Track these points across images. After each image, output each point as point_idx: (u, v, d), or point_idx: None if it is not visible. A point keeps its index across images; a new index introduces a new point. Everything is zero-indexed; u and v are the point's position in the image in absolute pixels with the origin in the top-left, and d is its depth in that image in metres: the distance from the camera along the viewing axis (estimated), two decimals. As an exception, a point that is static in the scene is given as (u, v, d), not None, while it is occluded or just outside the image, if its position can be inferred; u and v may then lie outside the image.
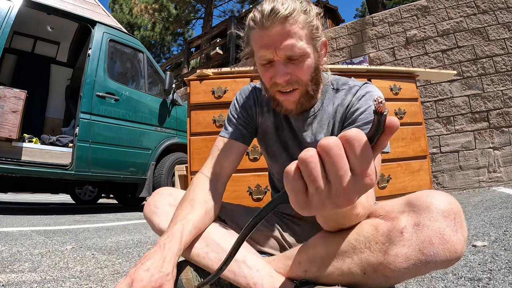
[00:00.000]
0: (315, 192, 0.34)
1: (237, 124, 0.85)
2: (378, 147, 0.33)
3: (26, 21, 3.54)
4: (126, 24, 13.57)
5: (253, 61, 0.78)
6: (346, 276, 0.57)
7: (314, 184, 0.33)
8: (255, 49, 0.71)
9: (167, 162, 3.58)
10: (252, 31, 0.70)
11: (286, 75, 0.68)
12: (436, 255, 0.47)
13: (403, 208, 0.54)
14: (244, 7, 13.41)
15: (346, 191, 0.33)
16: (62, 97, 4.28)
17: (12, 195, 10.64)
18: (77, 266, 1.09)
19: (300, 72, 0.68)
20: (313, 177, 0.33)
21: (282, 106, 0.75)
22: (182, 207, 0.71)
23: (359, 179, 0.33)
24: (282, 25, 0.65)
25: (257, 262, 0.70)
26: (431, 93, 3.84)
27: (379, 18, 4.30)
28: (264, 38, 0.67)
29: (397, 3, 13.74)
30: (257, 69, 0.76)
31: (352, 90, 0.78)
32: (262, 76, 0.74)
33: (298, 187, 0.34)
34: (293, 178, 0.35)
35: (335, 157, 0.32)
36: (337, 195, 0.33)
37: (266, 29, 0.66)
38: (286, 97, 0.72)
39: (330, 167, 0.32)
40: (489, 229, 1.34)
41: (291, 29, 0.65)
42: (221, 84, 2.14)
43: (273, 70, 0.69)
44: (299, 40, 0.66)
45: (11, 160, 2.64)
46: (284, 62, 0.68)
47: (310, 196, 0.34)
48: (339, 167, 0.32)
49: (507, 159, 3.45)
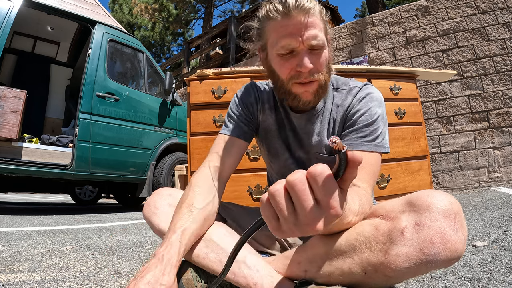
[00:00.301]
0: (284, 221, 0.39)
1: (238, 121, 0.83)
2: (346, 180, 0.38)
3: (26, 21, 3.54)
4: (126, 24, 13.57)
5: (261, 57, 0.78)
6: (347, 276, 0.57)
7: (281, 214, 0.38)
8: (275, 40, 0.70)
9: (167, 162, 3.58)
10: (272, 21, 0.70)
11: (310, 63, 0.68)
12: (437, 255, 0.47)
13: (403, 208, 0.54)
14: (244, 7, 13.42)
15: (311, 221, 0.37)
16: (62, 97, 4.28)
17: (12, 195, 10.64)
18: (77, 266, 1.09)
19: (319, 63, 0.70)
20: (279, 208, 0.38)
21: (300, 98, 0.73)
22: (181, 213, 0.69)
23: (324, 210, 0.37)
24: (307, 15, 0.67)
25: (257, 262, 0.70)
26: (431, 93, 3.85)
27: (379, 18, 4.30)
28: (289, 27, 0.67)
29: (397, 3, 13.74)
30: (268, 63, 0.76)
31: (352, 91, 0.79)
32: (279, 68, 0.72)
33: (271, 214, 0.40)
34: (265, 206, 0.40)
35: (299, 192, 0.37)
36: (304, 223, 0.37)
37: (292, 18, 0.67)
38: (305, 88, 0.71)
39: (295, 200, 0.37)
40: (489, 229, 1.34)
41: (314, 20, 0.68)
42: (221, 84, 2.14)
43: (295, 60, 0.69)
44: (320, 31, 0.69)
45: (11, 160, 2.64)
46: (307, 51, 0.69)
47: (281, 223, 0.39)
48: (302, 200, 0.37)
49: (507, 159, 3.45)
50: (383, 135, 0.74)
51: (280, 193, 0.38)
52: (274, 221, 0.40)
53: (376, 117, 0.74)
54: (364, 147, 0.72)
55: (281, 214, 0.38)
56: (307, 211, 0.37)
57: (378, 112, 0.74)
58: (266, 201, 0.40)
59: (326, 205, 0.37)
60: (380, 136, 0.74)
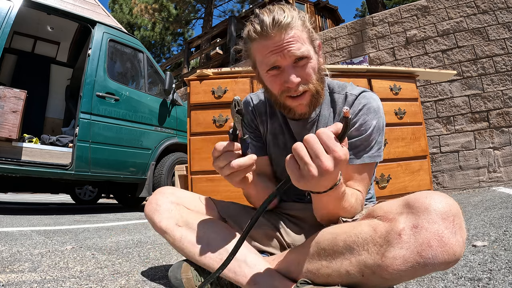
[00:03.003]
0: (304, 167, 0.51)
1: (251, 141, 0.88)
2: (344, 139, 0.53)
3: (26, 21, 3.54)
4: (126, 24, 13.57)
5: (255, 73, 0.80)
6: (345, 278, 0.57)
7: (302, 160, 0.51)
8: (260, 59, 0.72)
9: (167, 162, 3.58)
10: (254, 42, 0.72)
11: (297, 77, 0.69)
12: (434, 258, 0.47)
13: (401, 210, 0.53)
14: (244, 7, 13.42)
15: (323, 163, 0.50)
16: (62, 97, 4.28)
17: (12, 195, 10.65)
18: (77, 266, 1.09)
19: (307, 74, 0.71)
20: (300, 156, 0.51)
21: (295, 111, 0.76)
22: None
23: (332, 153, 0.50)
24: (286, 31, 0.68)
25: (258, 261, 0.70)
26: (431, 93, 3.84)
27: (379, 18, 4.30)
28: (269, 47, 0.69)
29: (397, 3, 13.74)
30: (261, 80, 0.78)
31: (348, 99, 0.80)
32: (270, 86, 0.74)
33: (294, 166, 0.53)
34: (289, 161, 0.53)
35: (312, 144, 0.51)
36: (318, 165, 0.50)
37: (271, 38, 0.68)
38: (298, 101, 0.73)
39: (310, 150, 0.51)
40: (489, 229, 1.34)
41: (294, 34, 0.68)
42: (221, 84, 2.14)
43: (282, 76, 0.71)
44: (303, 43, 0.69)
45: (11, 160, 2.64)
46: (292, 66, 0.70)
47: (301, 170, 0.52)
48: (316, 148, 0.51)
49: (507, 159, 3.45)
50: (378, 145, 0.77)
51: (301, 146, 0.52)
52: (297, 171, 0.52)
53: (371, 130, 0.75)
54: (359, 161, 0.75)
55: (302, 160, 0.51)
56: (319, 155, 0.50)
57: (373, 124, 0.75)
58: (290, 158, 0.53)
59: (333, 150, 0.50)
60: (375, 146, 0.76)
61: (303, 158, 0.51)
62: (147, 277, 0.96)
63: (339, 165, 0.51)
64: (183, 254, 0.75)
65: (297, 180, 0.52)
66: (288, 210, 0.89)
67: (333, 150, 0.50)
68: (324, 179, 0.51)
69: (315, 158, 0.50)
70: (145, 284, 0.88)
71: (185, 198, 0.83)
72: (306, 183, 0.52)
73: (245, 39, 0.75)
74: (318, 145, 0.50)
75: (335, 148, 0.50)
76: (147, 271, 1.03)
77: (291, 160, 0.53)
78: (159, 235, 0.80)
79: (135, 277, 0.96)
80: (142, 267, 1.09)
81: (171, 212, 0.77)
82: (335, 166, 0.50)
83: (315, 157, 0.50)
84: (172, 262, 1.18)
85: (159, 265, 1.13)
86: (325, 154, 0.50)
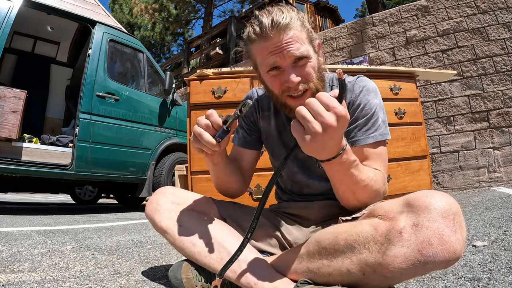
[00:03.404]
0: (308, 127, 0.54)
1: (243, 132, 0.92)
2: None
3: (26, 21, 3.54)
4: (126, 24, 13.57)
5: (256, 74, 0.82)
6: (345, 277, 0.57)
7: (305, 120, 0.54)
8: (260, 60, 0.74)
9: (167, 162, 3.58)
10: (254, 44, 0.73)
11: (297, 77, 0.70)
12: (435, 256, 0.48)
13: (402, 209, 0.54)
14: (244, 7, 13.42)
15: (325, 118, 0.53)
16: (62, 97, 4.28)
17: (12, 195, 10.65)
18: (77, 266, 1.09)
19: (307, 73, 0.72)
20: (303, 115, 0.54)
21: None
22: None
23: (332, 110, 0.53)
24: (285, 32, 0.69)
25: (258, 261, 0.70)
26: (431, 93, 3.84)
27: (379, 18, 4.30)
28: (269, 47, 0.70)
29: (397, 3, 13.75)
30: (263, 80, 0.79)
31: (348, 86, 0.82)
32: (271, 86, 0.76)
33: (299, 127, 0.56)
34: (294, 124, 0.56)
35: (313, 104, 0.54)
36: (321, 121, 0.53)
37: (270, 39, 0.69)
38: (299, 101, 0.73)
39: (311, 110, 0.54)
40: (489, 229, 1.34)
41: (293, 35, 0.69)
42: (221, 84, 2.14)
43: (282, 76, 0.72)
44: (302, 43, 0.70)
45: (11, 160, 2.64)
46: (292, 66, 0.71)
47: (306, 130, 0.54)
48: (317, 107, 0.54)
49: (507, 159, 3.45)
50: (384, 123, 0.79)
51: (303, 108, 0.55)
52: (302, 132, 0.55)
53: (375, 108, 0.78)
54: (371, 139, 0.76)
55: (305, 119, 0.54)
56: (321, 111, 0.53)
57: (375, 103, 0.79)
58: (294, 121, 0.56)
59: (333, 107, 0.53)
60: (382, 125, 0.79)
61: (306, 117, 0.54)
62: (147, 277, 0.96)
63: (340, 122, 0.53)
64: (183, 254, 0.75)
65: (302, 140, 0.55)
66: (289, 209, 0.90)
67: (333, 107, 0.53)
68: (328, 137, 0.54)
69: (317, 116, 0.53)
70: (145, 284, 0.88)
71: (186, 198, 0.83)
72: (312, 144, 0.54)
73: (245, 40, 0.76)
74: (318, 105, 0.54)
75: (335, 105, 0.53)
76: (147, 271, 1.03)
77: (295, 122, 0.56)
78: (159, 235, 0.80)
79: (135, 277, 0.96)
80: (142, 267, 1.09)
81: (172, 212, 0.77)
82: (337, 121, 0.53)
83: (317, 114, 0.53)
84: (172, 262, 1.18)
85: (159, 265, 1.13)
86: (326, 111, 0.53)
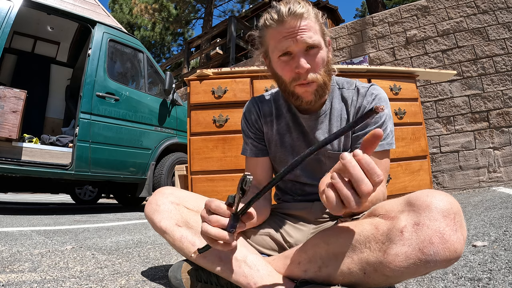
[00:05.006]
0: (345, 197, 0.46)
1: (252, 142, 0.93)
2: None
3: (26, 21, 3.54)
4: (126, 24, 13.57)
5: (266, 63, 0.84)
6: (346, 276, 0.57)
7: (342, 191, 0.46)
8: (273, 45, 0.76)
9: (167, 162, 3.58)
10: (269, 29, 0.76)
11: (307, 64, 0.72)
12: (436, 255, 0.48)
13: (403, 208, 0.54)
14: (244, 7, 13.41)
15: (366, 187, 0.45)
16: (62, 97, 4.28)
17: (12, 195, 10.65)
18: (77, 266, 1.09)
19: (317, 63, 0.74)
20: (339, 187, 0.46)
21: (302, 99, 0.78)
22: None
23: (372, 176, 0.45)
24: (300, 19, 0.72)
25: (258, 261, 0.70)
26: (431, 93, 3.84)
27: (379, 18, 4.30)
28: (283, 32, 0.73)
29: (397, 3, 13.75)
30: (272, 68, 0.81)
31: (360, 91, 0.84)
32: (281, 72, 0.77)
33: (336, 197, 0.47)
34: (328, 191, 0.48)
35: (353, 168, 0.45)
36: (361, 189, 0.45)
37: (285, 23, 0.72)
38: (306, 88, 0.76)
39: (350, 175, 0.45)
40: (489, 229, 1.34)
41: (308, 24, 0.73)
42: (221, 84, 2.14)
43: (293, 62, 0.74)
44: (315, 33, 0.73)
45: (11, 160, 2.64)
46: (303, 53, 0.73)
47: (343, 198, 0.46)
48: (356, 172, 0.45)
49: (507, 159, 3.45)
50: (392, 133, 0.81)
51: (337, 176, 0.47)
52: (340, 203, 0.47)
53: (385, 118, 0.80)
54: (378, 147, 0.78)
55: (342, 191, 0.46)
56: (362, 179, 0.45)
57: (385, 113, 0.80)
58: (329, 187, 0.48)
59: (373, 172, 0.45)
60: (390, 134, 0.80)
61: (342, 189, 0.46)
62: (147, 277, 0.96)
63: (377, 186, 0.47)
64: (183, 254, 0.75)
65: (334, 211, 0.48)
66: (289, 210, 0.89)
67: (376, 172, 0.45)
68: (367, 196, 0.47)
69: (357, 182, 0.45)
70: (145, 284, 0.88)
71: (185, 198, 0.83)
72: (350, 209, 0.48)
73: (261, 26, 0.79)
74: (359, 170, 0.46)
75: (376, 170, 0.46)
76: (147, 271, 1.03)
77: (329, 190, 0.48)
78: (159, 235, 0.80)
79: (135, 277, 0.96)
80: (142, 267, 1.09)
81: (171, 212, 0.77)
82: (375, 186, 0.46)
83: (356, 180, 0.45)
84: (172, 262, 1.18)
85: (159, 265, 1.13)
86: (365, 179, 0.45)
